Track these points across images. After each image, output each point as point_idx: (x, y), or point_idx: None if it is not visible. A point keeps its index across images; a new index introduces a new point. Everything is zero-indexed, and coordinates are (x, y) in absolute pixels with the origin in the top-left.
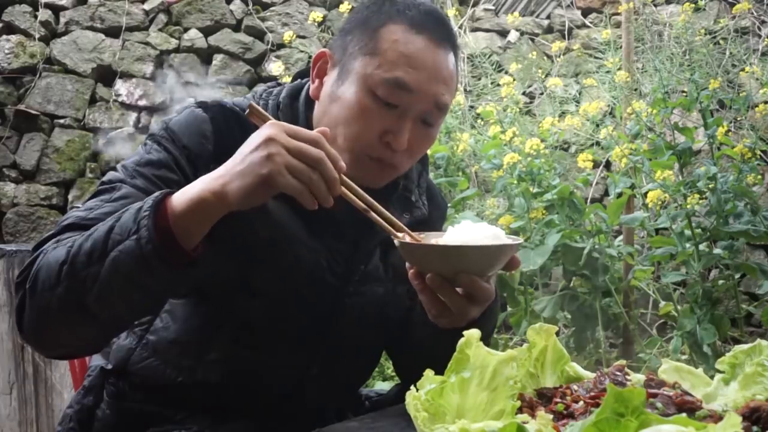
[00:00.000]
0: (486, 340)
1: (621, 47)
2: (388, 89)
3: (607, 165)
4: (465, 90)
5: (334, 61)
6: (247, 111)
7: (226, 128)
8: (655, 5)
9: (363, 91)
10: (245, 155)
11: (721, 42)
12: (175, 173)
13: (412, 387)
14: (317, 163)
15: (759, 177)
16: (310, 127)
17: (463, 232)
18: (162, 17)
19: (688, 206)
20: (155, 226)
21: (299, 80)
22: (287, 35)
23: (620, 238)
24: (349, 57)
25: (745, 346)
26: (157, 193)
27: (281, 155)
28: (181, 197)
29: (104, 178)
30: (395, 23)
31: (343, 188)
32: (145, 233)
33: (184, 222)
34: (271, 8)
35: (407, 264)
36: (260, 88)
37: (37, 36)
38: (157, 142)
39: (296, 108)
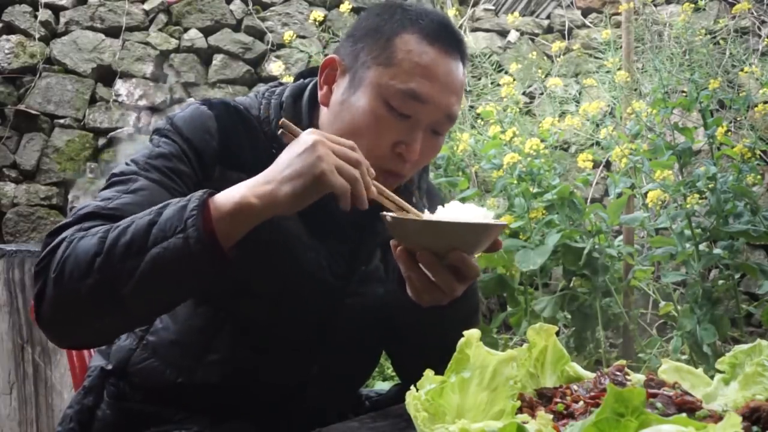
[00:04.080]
0: (471, 320)
1: (621, 47)
2: (402, 100)
3: (607, 165)
4: (465, 90)
5: (344, 68)
6: (281, 128)
7: (230, 126)
8: (655, 5)
9: (377, 101)
10: (292, 159)
11: (721, 42)
12: (186, 165)
13: (412, 387)
14: (359, 165)
15: (759, 177)
16: (313, 126)
17: (452, 211)
18: (162, 17)
19: (688, 206)
20: (204, 225)
21: (302, 80)
22: (287, 35)
23: (620, 238)
24: (361, 65)
25: (745, 346)
26: (200, 192)
27: (331, 156)
28: (225, 200)
29: (116, 170)
30: (408, 33)
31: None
32: (194, 233)
33: (225, 224)
34: (271, 8)
35: (393, 242)
36: (262, 87)
37: (37, 36)
38: (164, 136)
39: (299, 108)
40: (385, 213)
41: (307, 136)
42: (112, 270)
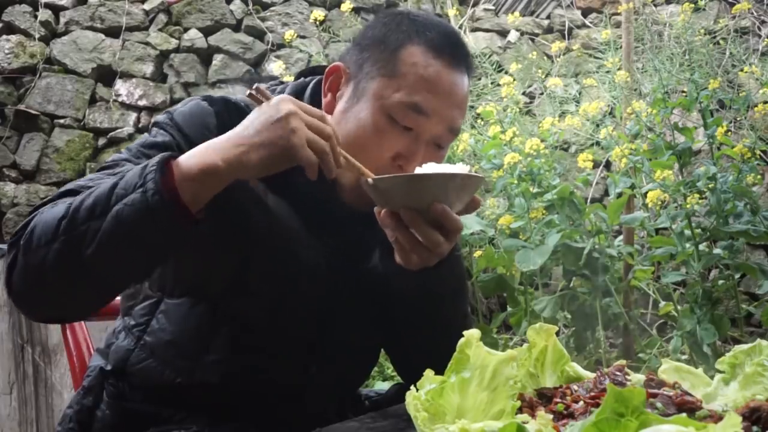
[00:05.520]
0: (460, 295)
1: (621, 47)
2: (405, 113)
3: (607, 165)
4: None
5: (348, 76)
6: (251, 92)
7: (230, 123)
8: (655, 5)
9: (379, 113)
10: (264, 125)
11: (721, 42)
12: None
13: (412, 387)
14: (329, 138)
15: (759, 177)
16: None
17: (430, 168)
18: (162, 17)
19: (688, 206)
20: (162, 180)
21: (303, 79)
22: (287, 35)
23: (620, 238)
24: (365, 75)
25: (745, 346)
26: (162, 154)
27: (303, 129)
28: (190, 160)
29: (108, 159)
30: (414, 44)
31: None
32: (151, 185)
33: (191, 185)
34: (271, 8)
35: (377, 208)
36: (263, 85)
37: (37, 36)
38: (162, 128)
39: None
40: (365, 178)
41: (282, 104)
42: (76, 231)
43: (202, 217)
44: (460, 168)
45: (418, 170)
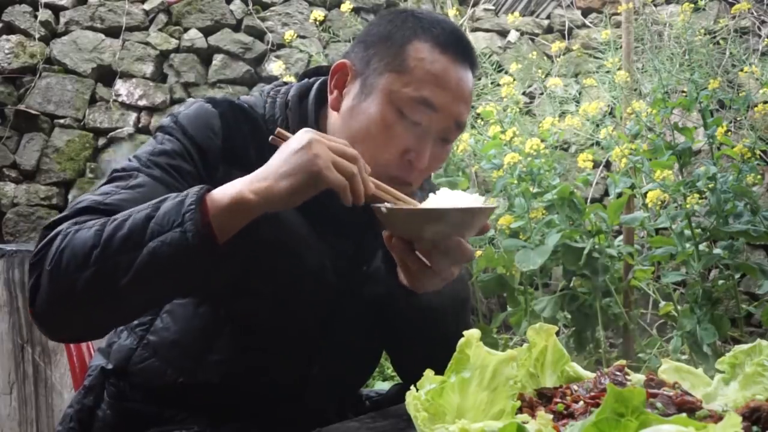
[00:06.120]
0: (462, 310)
1: (621, 47)
2: (414, 107)
3: (607, 165)
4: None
5: (355, 73)
6: (273, 137)
7: (234, 124)
8: (655, 5)
9: (388, 108)
10: (288, 156)
11: (721, 42)
12: (189, 164)
13: (412, 387)
14: (356, 160)
15: (759, 177)
16: (319, 126)
17: (443, 198)
18: (162, 17)
19: (688, 206)
20: (202, 220)
21: (307, 79)
22: (287, 35)
23: (620, 238)
24: (372, 72)
25: (745, 346)
26: (197, 188)
27: (327, 152)
28: (221, 195)
29: (117, 167)
30: (421, 40)
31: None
32: (191, 227)
33: (222, 219)
34: (271, 8)
35: (386, 232)
36: (267, 86)
37: (37, 36)
38: (168, 134)
39: (305, 107)
40: (377, 204)
41: (303, 135)
42: (109, 262)
43: (227, 249)
44: (474, 199)
45: (432, 198)
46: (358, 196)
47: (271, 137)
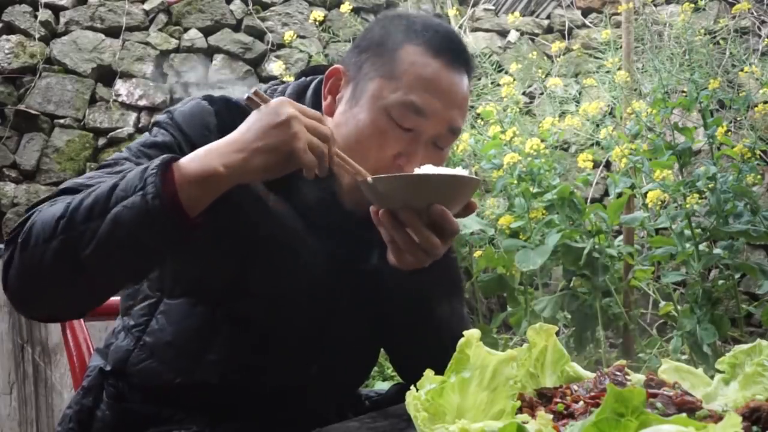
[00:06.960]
0: (455, 294)
1: (621, 47)
2: (403, 113)
3: (607, 165)
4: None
5: (347, 78)
6: (249, 96)
7: (230, 123)
8: (655, 5)
9: (378, 114)
10: (266, 130)
11: (721, 42)
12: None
13: (412, 387)
14: (327, 140)
15: (759, 177)
16: None
17: (428, 170)
18: (162, 17)
19: (688, 206)
20: (162, 184)
21: (304, 78)
22: (287, 35)
23: (620, 238)
24: (364, 77)
25: (745, 346)
26: (163, 156)
27: (305, 133)
28: (191, 165)
29: (108, 158)
30: (413, 45)
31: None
32: (151, 189)
33: (191, 189)
34: (271, 8)
35: (373, 207)
36: (264, 85)
37: (37, 36)
38: (162, 128)
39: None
40: (363, 178)
41: (283, 108)
42: (75, 232)
43: (200, 222)
44: (458, 171)
45: (417, 171)
46: (323, 170)
47: (246, 96)
